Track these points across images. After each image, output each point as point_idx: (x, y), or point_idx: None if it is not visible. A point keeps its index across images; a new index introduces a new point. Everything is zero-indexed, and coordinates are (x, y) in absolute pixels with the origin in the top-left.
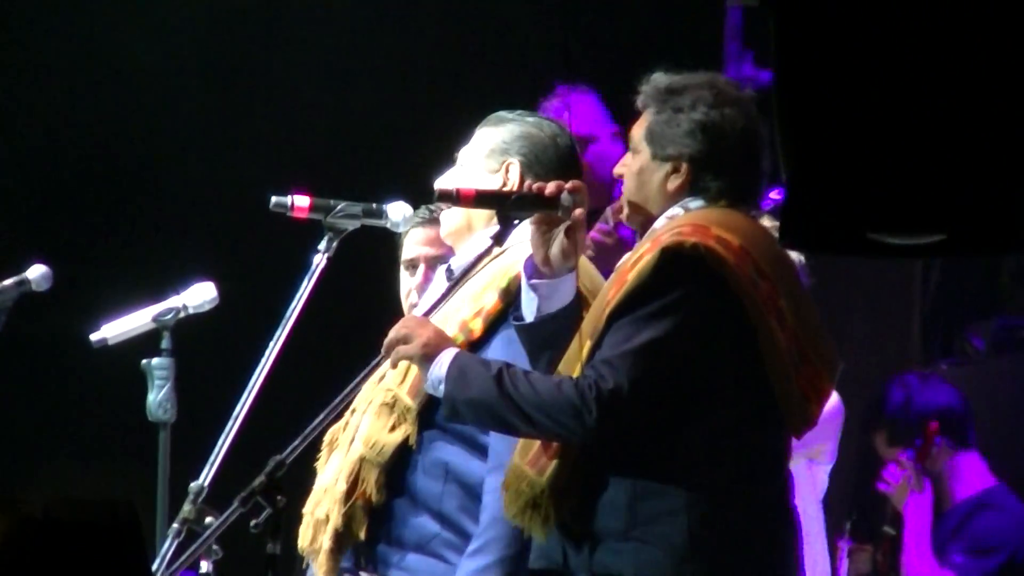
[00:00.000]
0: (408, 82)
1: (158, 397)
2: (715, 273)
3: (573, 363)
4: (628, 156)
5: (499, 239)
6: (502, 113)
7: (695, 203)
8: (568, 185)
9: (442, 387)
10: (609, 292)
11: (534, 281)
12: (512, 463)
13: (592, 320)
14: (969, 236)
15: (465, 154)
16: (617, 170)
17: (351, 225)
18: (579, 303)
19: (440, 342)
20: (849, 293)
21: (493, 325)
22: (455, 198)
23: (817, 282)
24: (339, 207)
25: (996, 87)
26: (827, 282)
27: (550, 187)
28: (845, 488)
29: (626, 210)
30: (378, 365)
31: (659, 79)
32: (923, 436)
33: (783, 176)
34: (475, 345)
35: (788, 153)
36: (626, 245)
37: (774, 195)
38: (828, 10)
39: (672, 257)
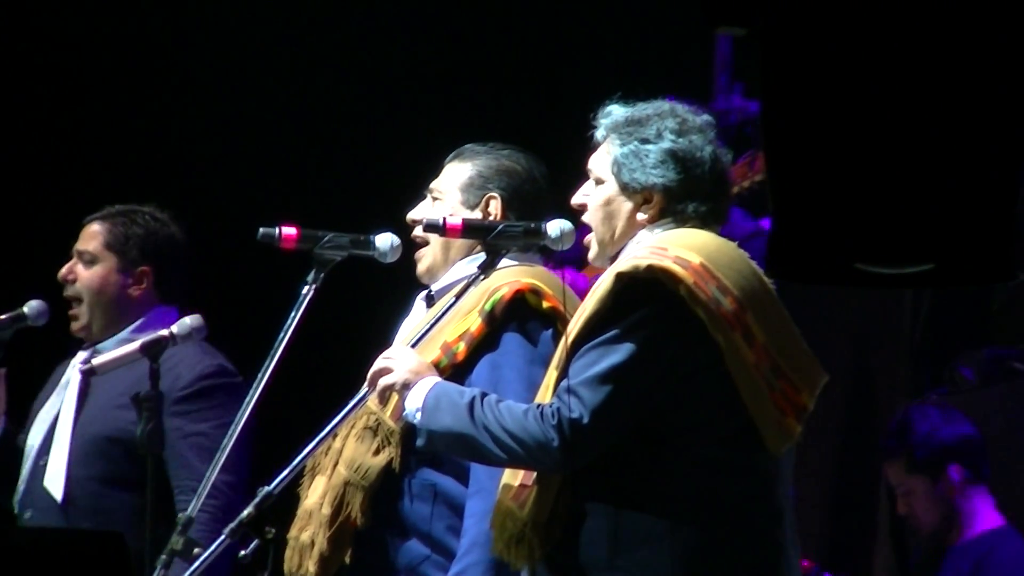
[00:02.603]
0: (395, 114)
1: (147, 428)
2: (671, 293)
3: (543, 393)
4: (589, 186)
5: (486, 269)
6: (472, 146)
7: (662, 227)
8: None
9: (418, 416)
10: (573, 321)
11: None
12: (498, 499)
13: (560, 350)
14: (958, 266)
15: (439, 187)
16: (576, 200)
17: (339, 256)
18: None
19: (422, 371)
20: (837, 324)
21: (477, 349)
22: (441, 229)
23: (806, 312)
24: (326, 238)
25: (983, 118)
26: (814, 313)
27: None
28: (825, 519)
29: (594, 249)
30: (365, 397)
31: (617, 110)
32: (942, 466)
33: (771, 206)
34: (459, 368)
35: (776, 183)
36: None
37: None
38: (815, 40)
39: (628, 282)
